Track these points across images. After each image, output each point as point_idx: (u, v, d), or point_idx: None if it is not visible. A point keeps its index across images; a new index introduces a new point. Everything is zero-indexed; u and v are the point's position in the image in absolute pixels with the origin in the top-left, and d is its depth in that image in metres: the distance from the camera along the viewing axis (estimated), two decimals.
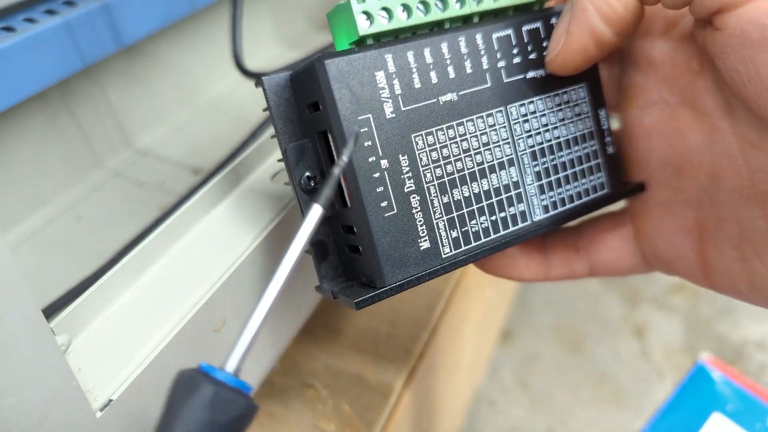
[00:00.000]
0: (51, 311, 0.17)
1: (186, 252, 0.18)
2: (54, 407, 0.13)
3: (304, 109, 0.16)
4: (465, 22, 0.16)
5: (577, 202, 0.18)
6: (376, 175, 0.15)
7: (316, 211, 0.14)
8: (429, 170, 0.15)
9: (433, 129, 0.15)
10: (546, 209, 0.17)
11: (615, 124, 0.20)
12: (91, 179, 0.22)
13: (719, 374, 0.33)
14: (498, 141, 0.16)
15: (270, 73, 0.16)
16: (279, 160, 0.17)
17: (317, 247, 0.16)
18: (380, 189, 0.15)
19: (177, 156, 0.24)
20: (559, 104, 0.17)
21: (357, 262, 0.16)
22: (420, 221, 0.15)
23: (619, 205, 0.20)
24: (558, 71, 0.16)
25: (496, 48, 0.16)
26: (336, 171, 0.14)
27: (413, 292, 0.30)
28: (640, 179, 0.19)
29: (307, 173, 0.16)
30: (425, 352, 0.28)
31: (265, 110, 0.16)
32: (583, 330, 0.54)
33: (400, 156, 0.15)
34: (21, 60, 0.16)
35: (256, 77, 0.20)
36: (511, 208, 0.17)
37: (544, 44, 0.17)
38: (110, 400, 0.14)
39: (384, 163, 0.15)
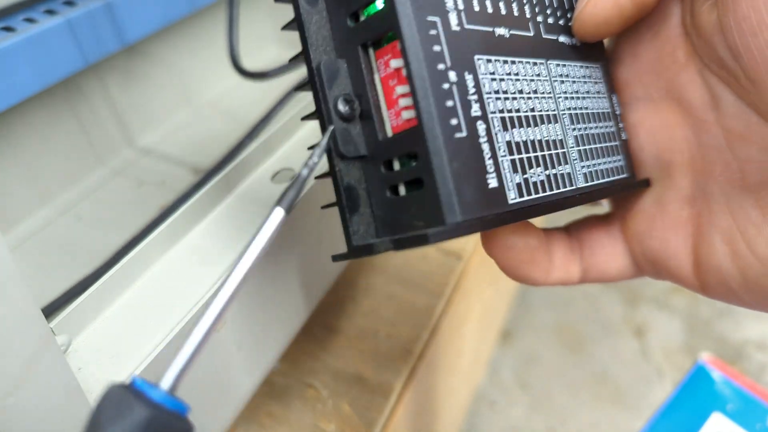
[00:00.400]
0: (51, 311, 0.17)
1: (186, 252, 0.18)
2: (54, 407, 0.13)
3: (345, 19, 0.14)
4: None
5: (607, 179, 0.17)
6: (446, 86, 0.13)
7: (277, 215, 0.12)
8: (492, 100, 0.14)
9: (493, 57, 0.14)
10: (586, 178, 0.16)
11: None
12: (91, 179, 0.22)
13: (719, 374, 0.33)
14: (544, 93, 0.15)
15: None
16: (295, 89, 0.14)
17: (348, 193, 0.14)
18: (450, 103, 0.13)
19: (177, 156, 0.24)
20: (584, 77, 0.17)
21: (408, 204, 0.13)
22: (487, 154, 0.13)
23: (604, 207, 0.20)
24: (583, 28, 0.16)
25: (535, 1, 0.16)
26: (304, 172, 0.12)
27: (413, 292, 0.30)
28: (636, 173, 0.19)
29: (343, 94, 0.13)
30: (425, 352, 0.28)
31: (284, 28, 0.14)
32: (583, 330, 0.54)
33: (466, 73, 0.13)
34: (21, 60, 0.16)
35: (254, 77, 0.19)
36: (560, 167, 0.15)
37: (569, 15, 0.17)
38: None
39: (452, 75, 0.13)
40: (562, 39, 0.16)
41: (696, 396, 0.32)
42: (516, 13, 0.15)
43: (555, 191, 0.15)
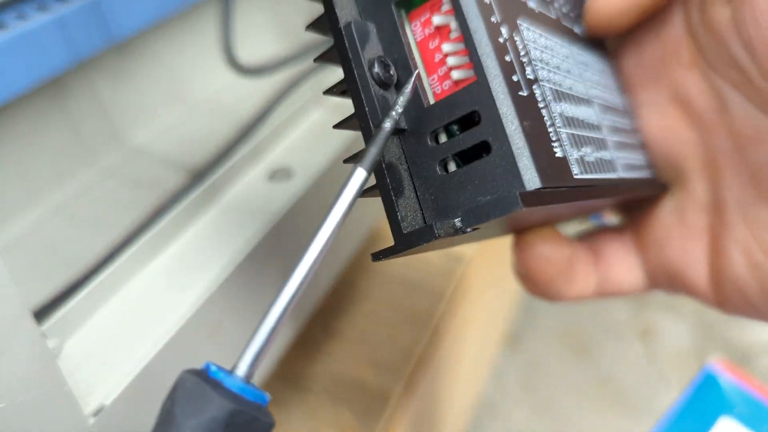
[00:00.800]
0: (42, 314, 0.17)
1: (181, 253, 0.18)
2: (45, 413, 0.13)
3: None
4: None
5: (638, 174, 0.15)
6: (501, 39, 0.11)
7: (359, 176, 0.10)
8: (539, 67, 0.12)
9: (532, 27, 0.13)
10: (623, 168, 0.15)
11: None
12: (82, 179, 0.22)
13: (728, 378, 0.33)
14: (576, 75, 0.14)
15: None
16: (317, 59, 0.13)
17: (391, 172, 0.12)
18: (508, 58, 0.11)
19: (171, 156, 0.23)
20: (601, 71, 0.16)
21: (468, 178, 0.11)
22: (548, 121, 0.12)
23: (613, 219, 0.19)
24: (596, 18, 0.15)
25: None
26: (387, 125, 0.11)
27: (414, 292, 0.30)
28: None
29: (378, 56, 0.12)
30: (426, 356, 0.28)
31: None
32: (588, 334, 0.54)
33: (515, 33, 0.12)
34: (10, 57, 0.16)
35: (250, 73, 0.19)
36: (603, 153, 0.14)
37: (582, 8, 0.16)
38: (103, 406, 0.14)
39: (504, 30, 0.12)
40: (577, 30, 0.16)
41: (704, 400, 0.32)
42: None
43: (603, 175, 0.13)
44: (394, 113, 0.11)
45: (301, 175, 0.21)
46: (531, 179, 0.11)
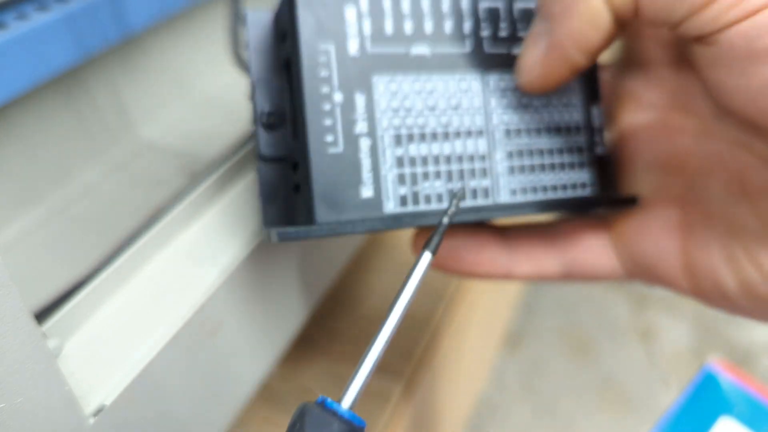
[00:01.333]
0: (42, 314, 0.17)
1: (182, 252, 0.18)
2: (46, 413, 0.13)
3: (278, 43, 0.16)
4: None
5: (550, 196, 0.17)
6: (327, 107, 0.15)
7: (425, 259, 0.14)
8: (387, 117, 0.15)
9: (398, 77, 0.15)
10: (513, 193, 0.16)
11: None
12: (85, 178, 0.22)
13: (728, 378, 0.33)
14: (469, 108, 0.16)
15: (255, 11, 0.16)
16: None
17: (265, 187, 0.16)
18: (328, 122, 0.15)
19: (175, 153, 0.23)
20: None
21: (298, 202, 0.16)
22: (366, 167, 0.15)
23: None
24: (531, 93, 0.16)
25: (481, 17, 0.16)
26: (445, 220, 0.14)
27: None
28: (624, 180, 0.18)
29: (270, 109, 0.16)
30: (425, 357, 0.28)
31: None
32: (589, 334, 0.54)
33: (357, 94, 0.15)
34: (13, 56, 0.16)
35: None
36: (473, 182, 0.16)
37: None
38: (103, 406, 0.14)
39: (337, 97, 0.15)
40: (516, 51, 0.16)
41: (704, 400, 0.32)
42: (448, 31, 0.16)
43: (462, 204, 0.16)
44: (449, 212, 0.14)
45: None
46: (311, 216, 0.15)
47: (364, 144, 0.15)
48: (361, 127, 0.15)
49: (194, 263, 0.17)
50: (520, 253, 0.18)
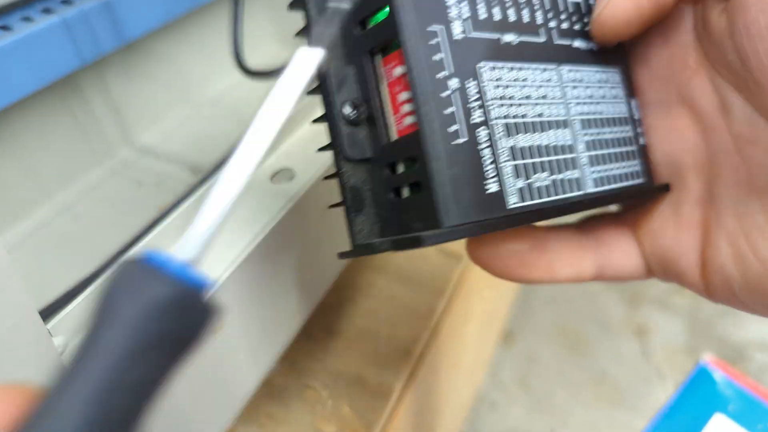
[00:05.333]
0: (48, 312, 0.17)
1: None
2: None
3: (355, 27, 0.14)
4: None
5: (620, 184, 0.17)
6: (445, 94, 0.13)
7: (314, 54, 0.10)
8: (495, 106, 0.14)
9: (499, 64, 0.14)
10: (596, 183, 0.16)
11: None
12: (89, 178, 0.22)
13: (721, 375, 0.33)
14: (553, 98, 0.16)
15: None
16: (307, 93, 0.15)
17: (353, 193, 0.14)
18: (449, 110, 0.13)
19: (176, 155, 0.23)
20: (600, 81, 0.17)
21: (408, 206, 0.14)
22: (487, 160, 0.14)
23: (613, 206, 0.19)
24: (602, 30, 0.16)
25: (548, 7, 0.16)
26: (344, 5, 0.11)
27: (413, 291, 0.30)
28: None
29: (351, 99, 0.14)
30: (425, 353, 0.28)
31: (297, 35, 0.15)
32: (584, 330, 0.54)
33: (470, 80, 0.14)
34: (17, 60, 0.16)
35: (258, 75, 0.19)
36: (568, 172, 0.15)
37: (586, 20, 0.17)
38: None
39: (454, 82, 0.13)
40: (577, 44, 0.17)
41: (698, 397, 0.32)
42: (526, 20, 0.15)
43: (561, 196, 0.15)
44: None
45: (302, 176, 0.21)
46: (447, 218, 0.13)
47: (482, 134, 0.14)
48: (477, 116, 0.14)
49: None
50: (562, 256, 0.18)
